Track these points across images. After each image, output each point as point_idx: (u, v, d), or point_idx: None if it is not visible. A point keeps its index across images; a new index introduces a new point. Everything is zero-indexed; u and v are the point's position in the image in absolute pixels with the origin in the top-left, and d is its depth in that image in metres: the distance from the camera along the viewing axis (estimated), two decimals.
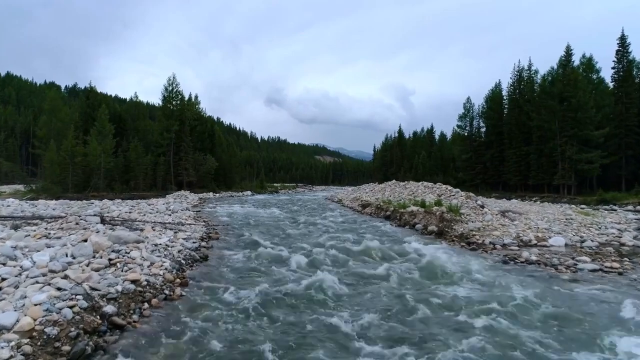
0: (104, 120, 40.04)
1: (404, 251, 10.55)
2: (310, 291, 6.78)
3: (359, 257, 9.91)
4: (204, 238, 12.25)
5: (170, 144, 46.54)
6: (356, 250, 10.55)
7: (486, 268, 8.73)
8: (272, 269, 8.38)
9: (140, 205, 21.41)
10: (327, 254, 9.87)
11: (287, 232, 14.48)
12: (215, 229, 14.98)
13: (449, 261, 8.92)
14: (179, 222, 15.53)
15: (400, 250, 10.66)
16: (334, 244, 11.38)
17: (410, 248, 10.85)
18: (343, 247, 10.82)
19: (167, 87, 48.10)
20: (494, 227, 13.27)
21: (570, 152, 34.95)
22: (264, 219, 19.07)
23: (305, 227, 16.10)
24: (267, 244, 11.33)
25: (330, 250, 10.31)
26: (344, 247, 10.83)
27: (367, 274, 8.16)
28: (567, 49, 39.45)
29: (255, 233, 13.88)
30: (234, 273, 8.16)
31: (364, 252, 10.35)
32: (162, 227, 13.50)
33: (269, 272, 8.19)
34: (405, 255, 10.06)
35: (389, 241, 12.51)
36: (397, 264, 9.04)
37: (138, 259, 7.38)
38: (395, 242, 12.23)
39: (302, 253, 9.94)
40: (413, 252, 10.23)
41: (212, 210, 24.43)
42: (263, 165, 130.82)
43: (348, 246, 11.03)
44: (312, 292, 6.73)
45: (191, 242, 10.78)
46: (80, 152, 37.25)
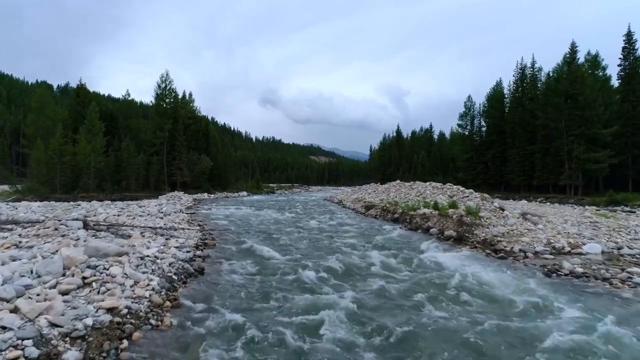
0: (94, 117, 38.41)
1: (432, 263, 9.27)
2: (328, 333, 5.18)
3: (383, 271, 8.54)
4: (199, 245, 10.91)
5: (164, 143, 44.98)
6: (375, 261, 9.22)
7: (537, 285, 7.39)
8: (278, 288, 7.06)
9: (130, 208, 19.98)
10: (340, 267, 8.57)
11: (289, 237, 13.16)
12: (211, 234, 13.64)
13: (493, 279, 7.58)
14: (171, 226, 14.17)
15: (428, 262, 9.40)
16: (346, 253, 10.12)
17: (436, 258, 9.63)
18: (358, 258, 9.53)
19: (160, 84, 46.53)
20: (520, 232, 12.05)
21: (577, 152, 33.86)
22: (263, 222, 17.75)
23: (309, 232, 14.79)
24: (269, 253, 10.04)
25: (344, 262, 9.01)
26: (359, 258, 9.54)
27: (407, 305, 6.24)
28: (572, 45, 38.46)
29: (256, 239, 12.58)
30: (235, 292, 6.85)
31: (387, 265, 9.02)
32: (152, 232, 12.16)
33: (275, 291, 6.86)
34: (438, 271, 8.70)
35: (406, 248, 11.23)
36: (433, 283, 7.62)
37: (119, 276, 6.04)
38: (414, 251, 10.95)
39: (311, 265, 8.63)
40: (445, 267, 8.95)
41: (208, 212, 23.06)
42: (258, 166, 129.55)
43: (363, 256, 9.74)
44: (331, 333, 5.14)
45: (184, 251, 9.44)
46: (69, 151, 35.63)
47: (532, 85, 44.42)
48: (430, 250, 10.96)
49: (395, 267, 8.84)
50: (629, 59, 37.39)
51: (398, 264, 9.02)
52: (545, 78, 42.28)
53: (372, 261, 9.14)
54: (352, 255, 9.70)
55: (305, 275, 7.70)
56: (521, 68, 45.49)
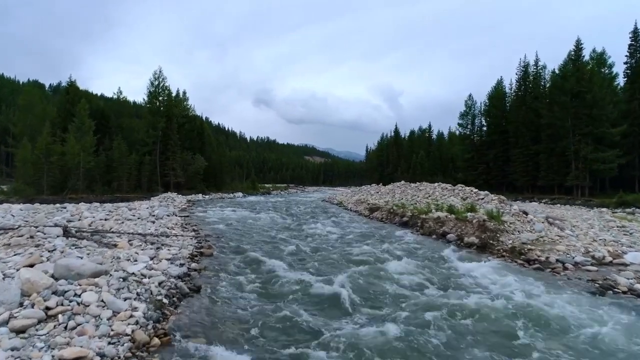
0: (83, 115, 36.83)
1: (467, 278, 8.07)
2: None
3: (416, 292, 7.25)
4: (195, 256, 9.61)
5: (157, 142, 43.46)
6: (402, 278, 7.93)
7: (597, 308, 6.13)
8: (295, 315, 5.80)
9: (119, 210, 18.59)
10: (364, 284, 7.35)
11: (295, 245, 11.89)
12: (207, 240, 12.36)
13: (548, 302, 6.34)
14: (163, 232, 12.86)
15: (460, 276, 8.21)
16: (365, 265, 8.88)
17: (469, 271, 8.45)
18: (381, 272, 8.28)
19: (152, 82, 44.96)
20: (552, 240, 10.86)
21: (585, 152, 32.82)
22: (263, 227, 16.47)
23: (315, 238, 13.54)
24: (275, 266, 8.78)
25: (366, 277, 7.79)
26: (381, 272, 8.28)
27: (473, 345, 4.91)
28: (577, 43, 37.46)
29: (258, 247, 11.32)
30: (240, 321, 5.59)
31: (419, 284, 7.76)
32: (142, 240, 10.85)
33: (292, 321, 5.59)
34: (479, 290, 7.44)
35: (428, 258, 10.01)
36: (484, 309, 6.32)
37: (94, 305, 4.75)
38: (439, 262, 9.73)
39: (328, 282, 7.37)
40: (484, 283, 7.74)
41: (203, 214, 21.74)
42: (253, 166, 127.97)
43: (385, 269, 8.49)
44: None
45: (178, 264, 8.16)
46: (57, 150, 34.10)
47: (535, 83, 43.36)
48: (455, 261, 9.77)
49: (427, 284, 7.59)
50: (636, 56, 36.47)
51: (429, 280, 7.80)
52: (550, 76, 41.21)
53: (398, 277, 7.90)
54: (372, 268, 8.45)
55: (327, 296, 6.46)
56: (524, 66, 44.43)
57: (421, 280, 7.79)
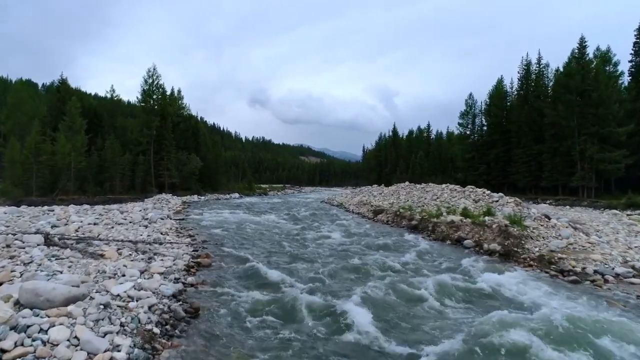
0: (74, 114, 35.54)
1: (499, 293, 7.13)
2: None
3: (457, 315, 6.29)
4: (191, 267, 8.59)
5: (151, 141, 42.19)
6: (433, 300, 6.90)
7: None
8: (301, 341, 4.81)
9: (110, 214, 17.54)
10: (381, 303, 6.38)
11: (301, 253, 10.90)
12: (205, 247, 11.33)
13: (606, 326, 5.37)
14: (156, 238, 11.82)
15: (493, 291, 7.24)
16: (385, 277, 7.93)
17: (500, 285, 7.47)
18: (405, 285, 7.29)
19: (146, 80, 43.62)
20: (583, 247, 9.93)
21: (591, 151, 31.98)
22: (263, 231, 15.43)
23: (319, 245, 12.54)
24: (283, 279, 7.82)
25: (390, 293, 6.82)
26: (406, 285, 7.29)
27: None
28: (580, 40, 36.68)
29: (259, 255, 10.34)
30: (245, 351, 4.60)
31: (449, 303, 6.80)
32: (132, 247, 9.82)
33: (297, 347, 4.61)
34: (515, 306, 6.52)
35: (450, 269, 9.05)
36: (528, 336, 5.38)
37: (63, 345, 3.74)
38: (463, 272, 8.75)
39: (348, 301, 6.38)
40: (520, 299, 6.83)
41: (199, 217, 20.66)
42: (248, 166, 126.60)
43: (408, 282, 7.50)
44: None
45: (172, 278, 7.16)
46: (47, 150, 32.83)
47: (538, 82, 42.50)
48: (480, 271, 8.82)
49: (458, 303, 6.64)
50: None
51: (459, 297, 6.84)
52: (554, 74, 40.35)
53: (422, 293, 6.92)
54: (391, 283, 7.46)
55: (347, 323, 5.46)
56: (526, 64, 43.58)
57: (450, 297, 6.83)
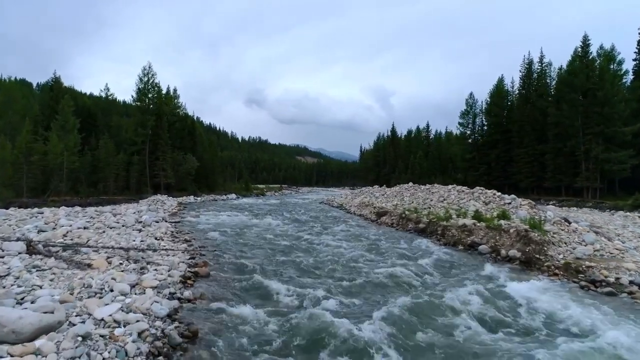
0: (67, 112, 34.59)
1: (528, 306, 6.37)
2: None
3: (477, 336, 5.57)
4: (188, 279, 7.79)
5: (146, 141, 41.22)
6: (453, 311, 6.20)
7: None
8: None
9: (102, 216, 16.70)
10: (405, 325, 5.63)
11: (304, 260, 10.13)
12: (202, 254, 10.53)
13: None
14: (150, 244, 11.01)
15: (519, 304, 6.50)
16: (397, 289, 7.20)
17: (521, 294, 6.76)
18: (418, 300, 6.54)
19: (141, 78, 42.65)
20: (611, 254, 9.23)
21: (596, 151, 31.36)
22: (264, 236, 14.64)
23: (325, 252, 11.75)
24: (286, 291, 7.10)
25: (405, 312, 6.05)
26: (418, 299, 6.54)
27: None
28: (584, 39, 36.07)
29: (261, 263, 9.55)
30: None
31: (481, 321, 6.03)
32: (123, 256, 9.01)
33: None
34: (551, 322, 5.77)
35: (472, 278, 8.30)
36: None
37: None
38: (484, 283, 8.00)
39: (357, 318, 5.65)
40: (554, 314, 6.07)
41: (195, 220, 19.84)
42: (245, 166, 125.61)
43: (423, 296, 6.74)
44: None
45: (167, 293, 6.38)
46: (39, 149, 31.87)
47: (540, 81, 41.87)
48: (503, 281, 8.12)
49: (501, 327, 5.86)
50: None
51: (496, 317, 6.06)
52: (557, 73, 39.76)
53: (447, 309, 6.17)
54: (413, 298, 6.71)
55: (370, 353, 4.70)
56: (528, 63, 42.93)
57: (484, 317, 6.06)
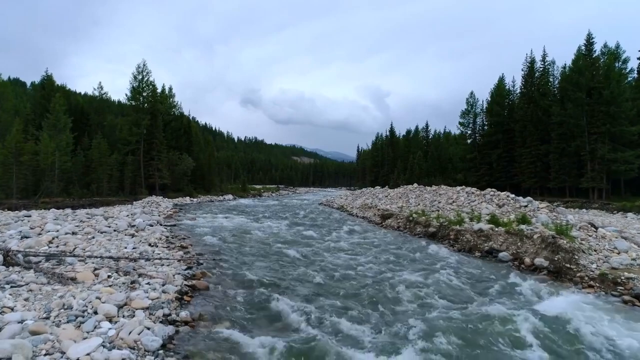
0: (59, 111, 33.54)
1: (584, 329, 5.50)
2: None
3: None
4: (184, 294, 6.91)
5: (140, 141, 40.20)
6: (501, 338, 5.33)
7: None
8: None
9: (93, 220, 15.77)
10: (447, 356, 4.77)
11: (313, 270, 9.27)
12: (200, 262, 9.65)
13: None
14: (143, 251, 10.11)
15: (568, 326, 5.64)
16: (425, 308, 6.32)
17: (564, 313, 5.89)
18: (451, 320, 5.68)
19: (136, 76, 41.55)
20: None
21: (602, 151, 30.64)
22: (265, 241, 13.76)
23: (334, 260, 10.91)
24: (298, 309, 6.22)
25: (444, 339, 5.18)
26: (451, 320, 5.69)
27: None
28: (588, 37, 35.36)
29: (265, 274, 8.69)
30: None
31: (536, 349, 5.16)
32: (112, 267, 8.10)
33: None
34: None
35: (505, 292, 7.45)
36: None
37: None
38: (516, 298, 7.17)
39: (387, 347, 4.78)
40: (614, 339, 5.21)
41: (192, 223, 18.93)
42: (241, 166, 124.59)
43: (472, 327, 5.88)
44: None
45: (160, 315, 5.49)
46: (30, 149, 30.82)
47: (543, 80, 41.13)
48: (535, 294, 7.30)
49: None
50: None
51: (551, 344, 5.18)
52: (561, 72, 39.02)
53: (507, 342, 5.30)
54: (450, 320, 5.86)
55: None
56: (530, 62, 42.16)
57: (536, 343, 5.19)
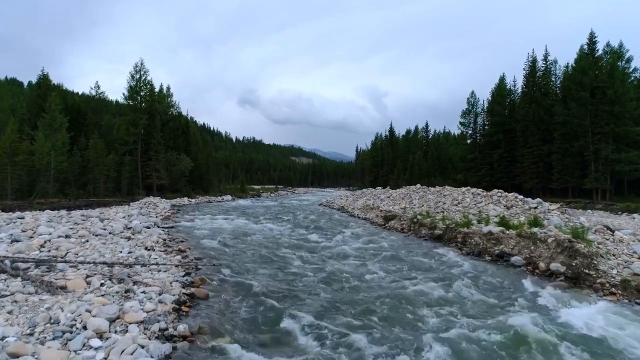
0: (54, 110, 32.99)
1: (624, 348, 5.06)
2: None
3: None
4: (182, 302, 6.46)
5: (138, 140, 39.63)
6: None
7: None
8: None
9: (88, 222, 15.26)
10: None
11: (319, 278, 8.82)
12: (199, 267, 9.18)
13: None
14: (139, 256, 9.63)
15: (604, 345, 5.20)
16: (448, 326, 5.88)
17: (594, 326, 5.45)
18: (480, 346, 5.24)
19: (133, 75, 40.99)
20: None
21: (606, 152, 30.27)
22: (266, 244, 13.29)
23: (341, 266, 10.46)
24: (307, 326, 5.75)
25: None
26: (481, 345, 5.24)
27: None
28: (590, 35, 35.02)
29: (269, 282, 8.23)
30: None
31: None
32: (105, 274, 7.62)
33: None
34: None
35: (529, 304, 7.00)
36: None
37: None
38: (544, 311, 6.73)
39: None
40: None
41: (190, 225, 18.44)
42: (240, 167, 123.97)
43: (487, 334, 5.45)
44: None
45: (156, 330, 5.02)
46: (24, 149, 30.28)
47: (545, 79, 40.74)
48: (559, 304, 6.85)
49: None
50: None
51: None
52: (563, 71, 38.68)
53: None
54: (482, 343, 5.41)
55: None
56: (532, 61, 41.77)
57: None
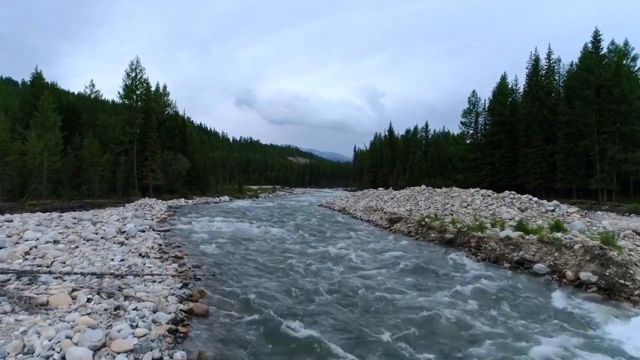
0: (47, 109, 32.10)
1: None
2: None
3: None
4: (180, 321, 5.71)
5: (134, 140, 38.75)
6: None
7: None
8: None
9: (79, 225, 14.46)
10: None
11: (327, 290, 8.09)
12: (198, 278, 8.43)
13: None
14: (132, 264, 8.86)
15: None
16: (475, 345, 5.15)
17: None
18: None
19: (129, 73, 40.12)
20: None
21: (612, 151, 29.67)
22: (267, 249, 12.56)
23: (351, 275, 9.73)
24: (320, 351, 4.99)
25: None
26: None
27: None
28: (595, 33, 34.48)
29: (273, 295, 7.49)
30: None
31: None
32: (94, 287, 6.83)
33: None
34: None
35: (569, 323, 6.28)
36: None
37: None
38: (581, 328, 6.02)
39: None
40: None
41: (187, 227, 17.65)
42: (237, 167, 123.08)
43: None
44: None
45: (148, 359, 4.26)
46: (16, 149, 29.40)
47: (548, 78, 40.11)
48: (599, 321, 6.14)
49: None
50: None
51: None
52: (567, 70, 38.05)
53: None
54: None
55: None
56: (534, 60, 41.14)
57: None
